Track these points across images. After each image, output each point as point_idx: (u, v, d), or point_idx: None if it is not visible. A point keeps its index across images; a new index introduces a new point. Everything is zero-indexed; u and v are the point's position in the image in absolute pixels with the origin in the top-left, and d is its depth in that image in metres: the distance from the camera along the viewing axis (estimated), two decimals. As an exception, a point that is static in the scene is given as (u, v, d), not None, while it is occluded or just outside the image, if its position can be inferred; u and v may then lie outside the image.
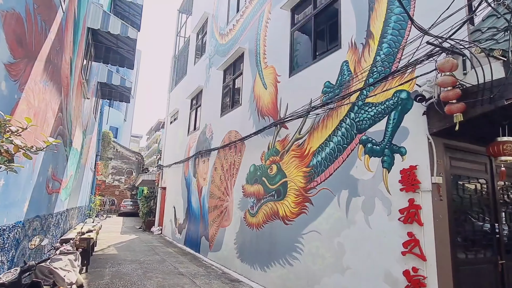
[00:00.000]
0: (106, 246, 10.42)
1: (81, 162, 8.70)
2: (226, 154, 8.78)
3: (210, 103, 10.71)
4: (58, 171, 5.70)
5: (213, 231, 8.92)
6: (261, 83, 7.46)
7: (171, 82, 17.18)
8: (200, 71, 12.39)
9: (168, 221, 13.84)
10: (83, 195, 10.51)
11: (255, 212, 6.85)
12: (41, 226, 4.99)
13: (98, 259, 8.24)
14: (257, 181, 6.97)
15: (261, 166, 6.90)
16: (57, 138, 5.28)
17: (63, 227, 7.03)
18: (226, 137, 8.97)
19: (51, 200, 5.43)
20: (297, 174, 5.67)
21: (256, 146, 7.24)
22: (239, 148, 8.05)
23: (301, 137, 5.74)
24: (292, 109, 6.00)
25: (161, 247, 10.75)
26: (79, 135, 7.63)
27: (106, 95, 11.49)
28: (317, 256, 4.92)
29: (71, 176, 7.20)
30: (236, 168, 8.08)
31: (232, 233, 7.78)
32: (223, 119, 9.41)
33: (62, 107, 5.32)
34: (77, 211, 9.32)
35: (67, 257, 4.29)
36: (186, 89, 13.81)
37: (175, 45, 17.58)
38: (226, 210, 8.28)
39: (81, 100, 7.23)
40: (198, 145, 11.21)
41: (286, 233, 5.73)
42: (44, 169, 4.64)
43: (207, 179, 9.92)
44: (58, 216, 6.32)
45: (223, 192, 8.61)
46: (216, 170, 9.36)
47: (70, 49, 5.35)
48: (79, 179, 8.68)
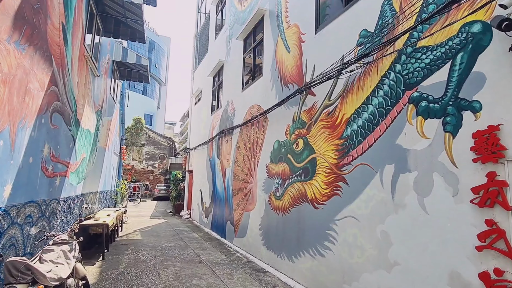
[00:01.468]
0: (132, 231, 10.19)
1: (98, 145, 8.30)
2: (249, 131, 7.95)
3: (231, 78, 9.85)
4: (61, 152, 5.20)
5: (237, 215, 8.24)
6: (283, 47, 6.44)
7: (194, 62, 16.51)
8: (220, 45, 11.52)
9: (196, 205, 13.47)
10: (107, 179, 10.27)
11: (280, 195, 6.00)
12: (41, 212, 4.53)
13: (119, 245, 7.91)
14: (282, 159, 6.08)
15: (286, 142, 5.98)
16: (52, 115, 4.73)
17: (78, 212, 6.66)
18: (248, 113, 8.11)
19: (53, 184, 4.96)
20: (327, 149, 4.69)
21: (279, 119, 6.31)
22: (262, 123, 7.16)
23: (331, 103, 4.72)
24: (320, 71, 4.97)
25: (186, 232, 10.33)
26: (91, 115, 7.14)
27: (125, 75, 11.02)
28: (354, 247, 3.99)
29: (83, 159, 6.76)
30: (259, 146, 7.23)
31: (257, 217, 7.03)
32: (244, 93, 8.54)
33: (57, 80, 4.73)
34: (99, 196, 9.05)
35: (60, 247, 3.73)
36: (208, 66, 13.05)
37: (197, 22, 16.78)
38: (250, 192, 7.52)
39: (88, 77, 6.68)
40: (221, 124, 10.48)
41: (316, 219, 4.84)
42: (34, 149, 4.10)
43: (231, 160, 9.20)
44: (69, 201, 5.90)
45: (247, 173, 7.84)
46: (239, 150, 8.58)
47: (61, 13, 4.69)
48: (97, 162, 8.31)
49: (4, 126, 3.27)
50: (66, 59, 5.13)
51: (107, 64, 8.66)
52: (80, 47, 5.89)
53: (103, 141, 9.00)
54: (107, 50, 8.53)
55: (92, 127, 7.35)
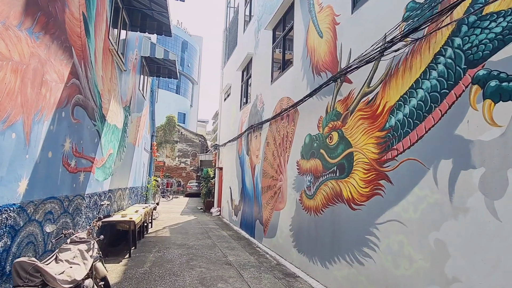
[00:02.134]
0: (161, 227, 10.15)
1: (127, 141, 8.26)
2: (278, 125, 7.49)
3: (260, 71, 9.43)
4: (84, 147, 5.08)
5: (267, 214, 7.83)
6: (315, 32, 5.89)
7: (223, 57, 16.31)
8: (249, 38, 11.14)
9: (226, 202, 13.26)
10: (137, 176, 10.31)
11: (312, 194, 5.50)
12: (63, 208, 4.41)
13: (148, 241, 7.82)
14: (314, 154, 5.56)
15: (318, 136, 5.45)
16: (74, 109, 4.59)
17: (106, 209, 6.60)
18: (277, 106, 7.65)
19: (76, 179, 4.85)
20: (366, 142, 4.12)
21: (311, 111, 5.79)
22: (292, 117, 6.67)
23: (371, 90, 4.14)
24: (357, 55, 4.39)
25: (215, 230, 10.10)
26: (118, 110, 7.06)
27: (154, 72, 10.99)
28: (400, 257, 3.42)
29: (111, 155, 6.68)
30: (289, 141, 6.75)
31: (287, 217, 6.57)
32: (274, 86, 8.08)
33: (78, 72, 4.58)
34: (129, 192, 9.06)
35: (78, 247, 3.53)
36: (236, 61, 12.74)
37: (226, 17, 16.54)
38: (280, 190, 7.07)
39: (114, 71, 6.58)
40: (250, 119, 10.11)
41: (353, 221, 4.29)
42: (53, 143, 3.95)
43: (260, 156, 8.80)
44: (95, 197, 5.82)
45: (276, 170, 7.40)
46: (268, 145, 8.16)
47: (81, 3, 4.53)
48: (126, 158, 8.28)
49: (17, 118, 3.09)
50: (89, 52, 4.98)
51: (135, 60, 8.60)
52: (105, 40, 5.76)
53: (132, 137, 8.98)
54: (135, 45, 8.46)
55: (119, 123, 7.27)
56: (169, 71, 11.10)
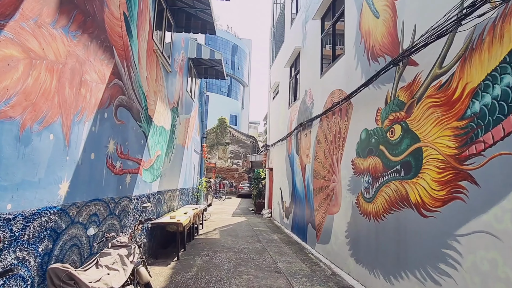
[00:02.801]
0: (212, 229, 10.09)
1: (176, 142, 8.29)
2: (330, 121, 6.86)
3: (309, 64, 8.86)
4: (130, 149, 5.06)
5: (319, 218, 7.23)
6: (370, 13, 5.20)
7: (271, 55, 15.96)
8: (296, 31, 10.62)
9: (276, 204, 12.85)
10: (187, 177, 10.40)
11: (371, 197, 4.81)
12: (109, 210, 4.38)
13: (197, 244, 7.73)
14: (371, 152, 4.88)
15: (377, 130, 4.76)
16: (117, 110, 4.56)
17: (155, 210, 6.61)
18: (328, 101, 7.03)
19: (122, 181, 4.83)
20: (440, 134, 3.38)
21: (367, 103, 5.10)
22: (345, 111, 6.02)
23: (444, 71, 3.39)
24: (424, 31, 3.66)
25: (266, 233, 9.74)
26: (165, 112, 7.06)
27: (202, 73, 11.03)
28: (493, 279, 2.66)
29: (159, 156, 6.69)
30: (342, 138, 6.10)
31: (342, 222, 5.93)
32: (324, 79, 7.47)
33: (120, 73, 4.54)
34: (179, 194, 9.12)
35: (118, 251, 3.40)
36: (284, 57, 12.28)
37: (272, 14, 16.18)
38: (333, 192, 6.44)
39: (160, 72, 6.58)
40: (299, 116, 9.57)
41: (424, 231, 3.56)
42: (96, 144, 3.91)
43: (310, 155, 8.23)
44: (143, 199, 5.82)
45: (328, 170, 6.77)
46: (319, 144, 7.56)
47: (121, 2, 4.48)
48: (175, 160, 8.32)
49: (54, 118, 3.03)
50: (131, 52, 4.94)
51: (182, 61, 8.63)
52: (148, 40, 5.74)
53: (181, 138, 9.03)
54: (181, 47, 8.48)
55: (167, 124, 7.29)
56: (216, 71, 11.06)
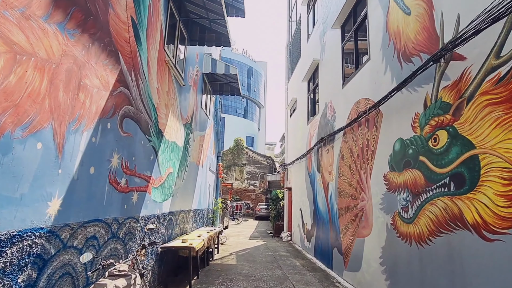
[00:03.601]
0: (228, 253, 9.40)
1: (189, 160, 7.86)
2: (355, 134, 6.26)
3: (329, 76, 8.39)
4: (138, 165, 4.63)
5: (346, 241, 6.48)
6: (398, 11, 4.71)
7: (287, 72, 15.67)
8: (314, 45, 10.26)
9: (296, 226, 12.05)
10: (202, 197, 9.87)
11: (412, 217, 4.12)
12: (111, 233, 3.89)
13: (212, 270, 7.07)
14: (409, 164, 4.23)
15: (415, 139, 4.13)
16: (123, 121, 4.17)
17: (166, 233, 6.08)
18: (352, 112, 6.46)
19: (128, 200, 4.36)
20: (503, 137, 2.75)
21: (400, 109, 4.51)
22: (373, 121, 5.43)
23: (502, 62, 2.80)
24: (470, 20, 3.11)
25: (286, 258, 8.95)
26: (178, 127, 6.68)
27: (217, 90, 10.75)
28: None
29: (170, 174, 6.24)
30: (371, 151, 5.48)
31: (375, 246, 5.19)
32: (346, 89, 6.94)
33: (127, 81, 4.19)
34: (193, 215, 8.58)
35: (115, 282, 2.87)
36: (301, 72, 11.90)
37: (288, 32, 16.04)
38: (363, 212, 5.74)
39: (172, 85, 6.25)
40: (320, 131, 9.00)
41: (490, 259, 2.85)
42: (97, 158, 3.49)
43: (333, 172, 7.57)
44: (152, 219, 5.32)
45: (356, 188, 6.10)
46: (343, 159, 6.92)
47: (129, 6, 4.20)
48: (189, 179, 7.85)
49: (43, 124, 2.62)
50: (140, 60, 4.62)
51: (196, 76, 8.35)
52: (160, 50, 5.44)
53: (195, 156, 8.60)
54: (195, 62, 8.23)
55: (179, 140, 6.88)
56: (232, 88, 10.75)
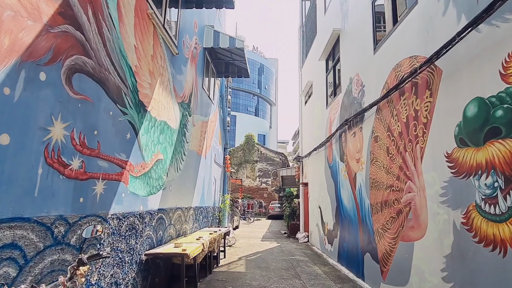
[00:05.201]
0: (236, 258, 8.09)
1: (187, 148, 6.59)
2: (395, 106, 4.84)
3: (354, 45, 6.97)
4: (104, 143, 3.38)
5: (384, 246, 5.06)
6: None
7: (301, 56, 14.27)
8: (333, 15, 8.84)
9: (315, 226, 10.64)
10: (206, 193, 8.59)
11: (505, 211, 2.70)
12: (52, 239, 2.64)
13: (215, 280, 5.77)
14: (497, 133, 2.81)
15: (508, 94, 2.71)
16: (73, 76, 2.91)
17: (154, 235, 4.81)
18: (390, 79, 5.04)
19: (86, 190, 3.12)
20: None
21: (474, 57, 3.08)
22: (424, 83, 4.00)
23: None
24: None
25: (304, 264, 7.57)
26: (170, 104, 5.42)
27: (222, 71, 9.45)
28: None
29: (160, 161, 4.97)
30: (422, 124, 4.05)
31: (433, 254, 3.77)
32: (380, 54, 5.53)
33: (80, 20, 2.96)
34: (194, 213, 7.30)
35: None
36: (318, 50, 10.48)
37: (300, 12, 14.64)
38: (409, 208, 4.32)
39: (161, 50, 5.00)
40: (342, 114, 7.59)
41: None
42: (15, 120, 2.25)
43: (363, 159, 6.16)
44: (132, 218, 4.05)
45: (398, 176, 4.67)
46: (377, 141, 5.50)
47: None
48: (187, 170, 6.58)
49: None
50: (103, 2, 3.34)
51: (195, 49, 7.06)
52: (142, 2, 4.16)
53: (196, 144, 7.33)
54: (193, 32, 6.94)
55: (173, 121, 5.61)
56: (239, 69, 9.43)
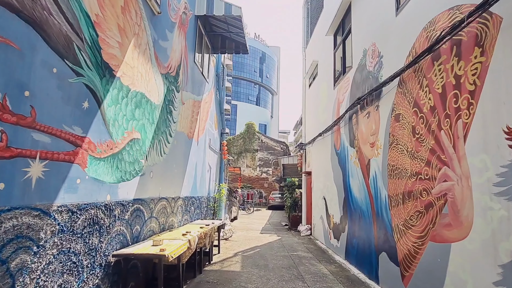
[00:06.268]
0: (232, 254, 7.27)
1: (174, 128, 5.69)
2: (425, 75, 3.90)
3: (368, 11, 5.98)
4: (45, 110, 2.51)
5: (406, 245, 4.20)
6: None
7: (305, 36, 13.24)
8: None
9: (318, 218, 9.81)
10: (199, 182, 7.73)
11: None
12: None
13: (204, 282, 4.94)
14: None
15: None
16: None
17: (128, 231, 3.95)
18: (418, 43, 4.09)
19: (12, 173, 2.26)
20: None
21: None
22: (472, 40, 3.05)
23: None
24: None
25: (308, 262, 6.74)
26: (149, 73, 4.51)
27: (218, 47, 8.48)
28: None
29: (135, 141, 4.08)
30: (467, 93, 3.12)
31: (479, 261, 2.89)
32: (403, 15, 4.56)
33: None
34: (183, 204, 6.45)
35: None
36: (325, 24, 9.46)
37: (306, -12, 13.50)
38: (445, 199, 3.42)
39: (136, 5, 4.07)
40: (353, 92, 6.65)
41: None
42: None
43: (379, 143, 5.25)
44: (93, 211, 3.19)
45: (428, 160, 3.77)
46: (399, 120, 4.58)
47: None
48: (175, 154, 5.71)
49: None
50: None
51: (184, 15, 6.08)
52: None
53: (185, 125, 6.42)
54: (182, -7, 5.94)
55: (154, 94, 4.70)
56: (236, 44, 8.45)
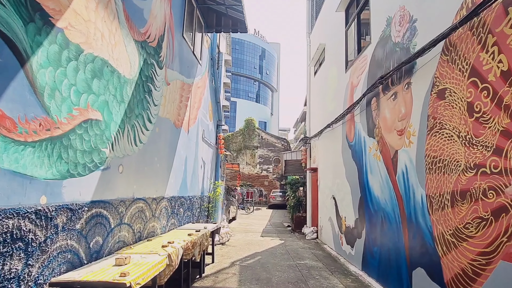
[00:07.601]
0: (228, 263, 6.20)
1: (156, 113, 4.64)
2: (490, 30, 2.81)
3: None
4: None
5: (458, 261, 3.13)
6: None
7: (309, 19, 12.18)
8: None
9: (327, 220, 8.75)
10: (190, 179, 6.67)
11: None
12: None
13: (191, 306, 3.88)
14: None
15: None
16: None
17: (80, 246, 2.89)
18: (477, -12, 2.99)
19: None
20: None
21: None
22: None
23: None
24: None
25: (318, 274, 5.67)
26: (118, 37, 3.52)
27: (213, 25, 7.40)
28: None
29: (94, 123, 3.04)
30: None
31: None
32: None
33: None
34: (169, 206, 5.39)
35: None
36: (332, 5, 8.37)
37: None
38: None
39: None
40: (372, 73, 5.57)
41: None
42: None
43: (411, 129, 4.17)
44: (8, 221, 2.12)
45: (497, 147, 2.69)
46: (445, 97, 3.50)
47: None
48: (156, 144, 4.65)
49: None
50: None
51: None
52: None
53: (172, 111, 5.35)
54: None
55: (123, 65, 3.62)
56: (234, 21, 7.34)
